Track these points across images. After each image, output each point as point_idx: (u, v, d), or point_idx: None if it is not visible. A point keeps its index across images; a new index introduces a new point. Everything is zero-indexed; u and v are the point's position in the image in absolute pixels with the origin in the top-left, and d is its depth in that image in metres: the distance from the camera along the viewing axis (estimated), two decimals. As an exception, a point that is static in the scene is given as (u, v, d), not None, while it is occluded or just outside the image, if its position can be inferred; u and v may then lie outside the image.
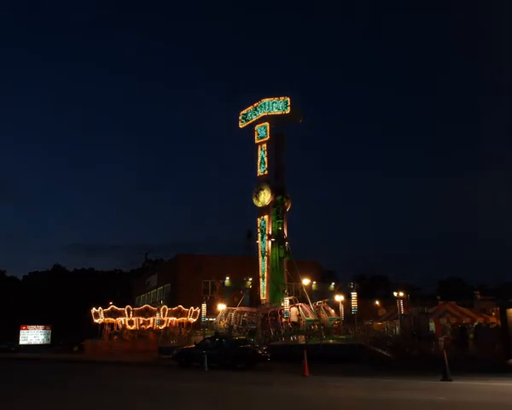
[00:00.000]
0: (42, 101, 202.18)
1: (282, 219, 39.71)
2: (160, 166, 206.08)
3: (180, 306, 47.40)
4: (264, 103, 40.56)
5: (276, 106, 40.05)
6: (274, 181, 40.08)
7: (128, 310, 46.41)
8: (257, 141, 40.89)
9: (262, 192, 39.32)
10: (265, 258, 38.37)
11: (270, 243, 38.63)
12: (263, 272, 38.58)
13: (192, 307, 47.25)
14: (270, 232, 38.83)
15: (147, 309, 47.21)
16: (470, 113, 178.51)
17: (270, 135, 40.26)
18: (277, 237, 39.21)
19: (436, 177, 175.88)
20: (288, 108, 39.65)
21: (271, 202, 39.01)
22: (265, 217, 39.26)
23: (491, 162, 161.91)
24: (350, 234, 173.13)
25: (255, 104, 41.34)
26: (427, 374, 17.61)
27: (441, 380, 15.92)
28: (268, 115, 40.34)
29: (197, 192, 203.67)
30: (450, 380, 15.79)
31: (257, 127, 40.96)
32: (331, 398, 12.36)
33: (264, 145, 40.45)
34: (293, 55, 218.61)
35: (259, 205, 39.55)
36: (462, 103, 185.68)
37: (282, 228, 39.47)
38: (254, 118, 41.13)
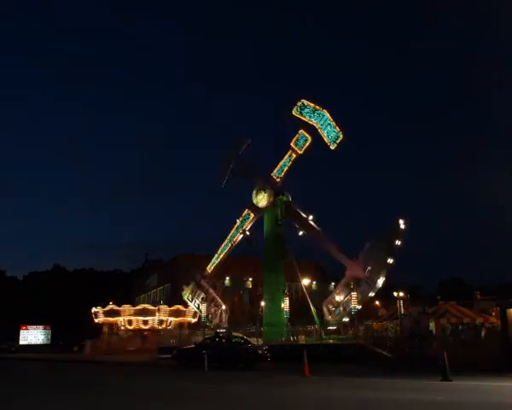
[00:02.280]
0: (41, 99, 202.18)
1: (282, 219, 39.60)
2: (160, 166, 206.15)
3: (178, 306, 47.42)
4: (324, 116, 36.61)
5: (328, 130, 36.26)
6: (273, 181, 39.97)
7: (127, 310, 46.44)
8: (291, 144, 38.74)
9: (262, 192, 39.26)
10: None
11: (270, 243, 38.55)
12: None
13: (191, 307, 47.25)
14: (271, 232, 38.75)
15: (144, 309, 47.25)
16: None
17: (305, 150, 38.00)
18: (278, 237, 39.13)
19: (436, 176, 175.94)
20: (337, 141, 36.12)
21: (271, 202, 38.92)
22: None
23: (492, 162, 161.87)
24: (350, 234, 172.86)
25: (317, 107, 36.86)
26: (427, 374, 17.61)
27: (441, 380, 15.92)
28: (317, 130, 36.83)
29: (197, 192, 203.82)
30: (451, 380, 15.80)
31: (301, 131, 37.91)
32: (331, 398, 12.35)
33: (294, 154, 38.64)
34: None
35: (260, 206, 39.48)
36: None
37: (282, 228, 39.38)
38: (307, 119, 37.11)
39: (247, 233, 39.32)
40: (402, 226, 31.90)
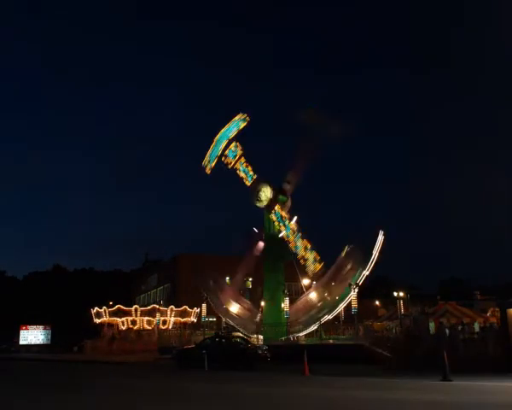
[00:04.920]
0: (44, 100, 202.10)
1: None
2: (160, 167, 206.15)
3: (185, 306, 47.50)
4: (220, 136, 38.63)
5: (234, 126, 38.39)
6: (272, 181, 39.88)
7: (136, 310, 46.41)
8: (230, 165, 39.31)
9: (262, 192, 39.20)
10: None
11: (270, 242, 38.51)
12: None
13: (195, 308, 47.30)
14: (274, 230, 38.70)
15: (154, 309, 47.03)
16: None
17: (241, 149, 38.88)
18: (278, 237, 39.08)
19: (436, 176, 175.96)
20: (246, 120, 38.42)
21: (272, 200, 38.80)
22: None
23: (492, 161, 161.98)
24: (350, 234, 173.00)
25: (211, 147, 39.14)
26: (427, 374, 17.61)
27: (441, 380, 15.93)
28: (230, 139, 38.53)
29: (198, 192, 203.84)
30: (451, 380, 15.80)
31: (226, 153, 38.81)
32: (331, 398, 12.36)
33: (242, 159, 39.03)
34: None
35: (261, 205, 39.39)
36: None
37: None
38: (217, 156, 38.74)
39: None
40: (380, 238, 31.86)
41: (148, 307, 47.95)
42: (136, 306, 47.32)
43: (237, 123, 38.90)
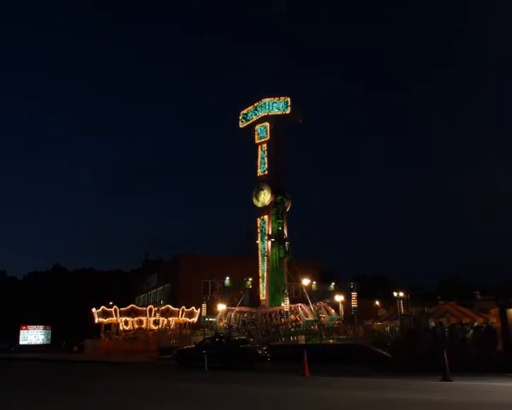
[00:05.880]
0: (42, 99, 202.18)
1: (282, 219, 39.69)
2: (159, 165, 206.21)
3: (168, 305, 47.60)
4: (265, 103, 40.62)
5: (277, 106, 40.10)
6: (274, 181, 40.09)
7: (115, 310, 46.69)
8: (257, 141, 40.94)
9: (262, 192, 39.32)
10: (265, 258, 38.40)
11: (269, 243, 38.63)
12: (262, 272, 38.62)
13: (184, 307, 47.22)
14: (270, 232, 38.81)
15: (132, 309, 47.51)
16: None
17: (270, 135, 40.31)
18: (277, 238, 39.18)
19: (436, 176, 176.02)
20: (289, 108, 39.72)
21: (271, 202, 39.01)
22: (265, 217, 39.27)
23: (492, 161, 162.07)
24: (350, 234, 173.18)
25: (255, 104, 41.40)
26: (427, 374, 17.61)
27: (441, 380, 15.94)
28: (268, 115, 40.38)
29: (198, 192, 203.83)
30: (451, 380, 15.81)
31: (257, 127, 41.02)
32: (331, 398, 12.35)
33: (265, 145, 40.51)
34: (291, 53, 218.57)
35: (259, 205, 39.55)
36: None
37: (282, 228, 39.45)
38: (255, 118, 41.19)
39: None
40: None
41: (127, 308, 47.98)
42: (115, 307, 47.32)
43: (283, 105, 39.68)
